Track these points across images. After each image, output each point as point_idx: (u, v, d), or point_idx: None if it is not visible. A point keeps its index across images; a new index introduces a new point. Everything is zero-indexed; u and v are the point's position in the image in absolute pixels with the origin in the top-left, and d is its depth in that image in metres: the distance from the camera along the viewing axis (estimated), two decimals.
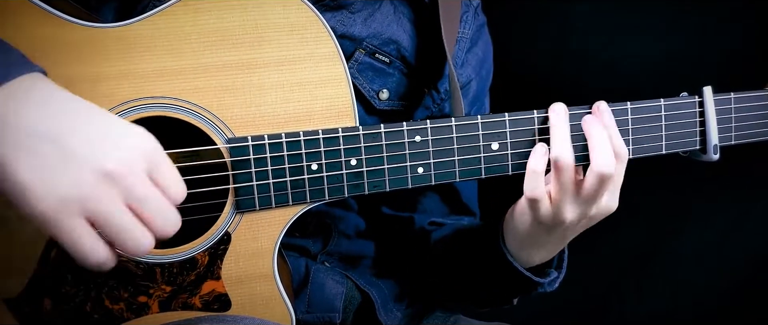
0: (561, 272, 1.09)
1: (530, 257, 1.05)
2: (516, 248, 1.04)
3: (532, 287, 1.08)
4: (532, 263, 1.06)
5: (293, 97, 0.95)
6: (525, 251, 1.04)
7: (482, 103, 1.30)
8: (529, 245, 1.04)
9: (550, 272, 1.08)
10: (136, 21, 0.91)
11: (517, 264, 1.04)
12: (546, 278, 1.07)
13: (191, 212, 0.96)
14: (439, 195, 1.28)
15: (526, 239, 1.03)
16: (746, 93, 1.07)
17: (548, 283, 1.08)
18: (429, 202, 1.27)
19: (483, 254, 1.09)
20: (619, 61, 1.58)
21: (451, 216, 1.29)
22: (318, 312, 1.14)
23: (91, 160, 0.71)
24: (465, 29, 1.21)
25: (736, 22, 1.53)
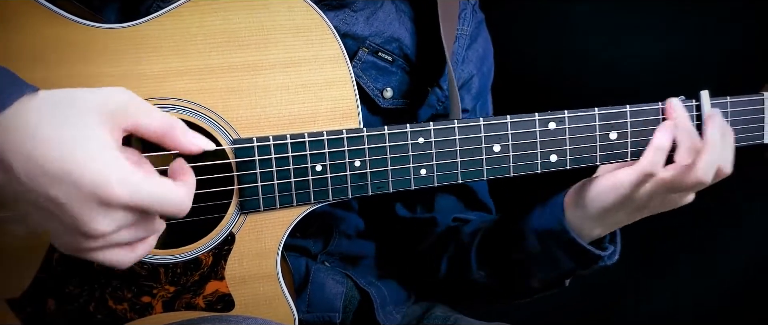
0: (616, 245, 1.08)
1: (590, 233, 1.04)
2: (578, 226, 1.03)
3: (593, 262, 1.05)
4: (591, 238, 1.05)
5: (298, 98, 0.95)
6: (585, 230, 1.03)
7: (485, 100, 1.31)
8: (595, 223, 1.03)
9: (607, 247, 1.07)
10: (142, 22, 0.91)
11: (582, 241, 1.02)
12: (606, 251, 1.06)
13: (196, 213, 0.96)
14: (454, 194, 1.28)
15: (595, 217, 1.02)
16: (741, 97, 1.09)
17: (608, 256, 1.06)
18: (445, 200, 1.27)
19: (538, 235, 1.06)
20: (619, 61, 1.59)
21: (469, 213, 1.29)
22: (318, 312, 1.15)
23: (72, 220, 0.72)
24: (464, 26, 1.23)
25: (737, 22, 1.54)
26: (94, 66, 0.89)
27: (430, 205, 1.27)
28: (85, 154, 0.72)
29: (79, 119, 0.73)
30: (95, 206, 0.72)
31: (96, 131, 0.73)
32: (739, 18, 1.53)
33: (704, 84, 1.05)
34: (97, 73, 0.89)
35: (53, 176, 0.71)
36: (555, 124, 1.02)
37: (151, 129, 0.77)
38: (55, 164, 0.71)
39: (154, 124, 0.77)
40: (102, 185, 0.71)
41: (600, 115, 1.03)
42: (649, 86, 1.12)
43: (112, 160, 0.73)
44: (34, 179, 0.71)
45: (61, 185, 0.71)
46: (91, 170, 0.71)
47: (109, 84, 0.88)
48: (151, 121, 0.77)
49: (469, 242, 1.18)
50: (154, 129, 0.77)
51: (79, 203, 0.71)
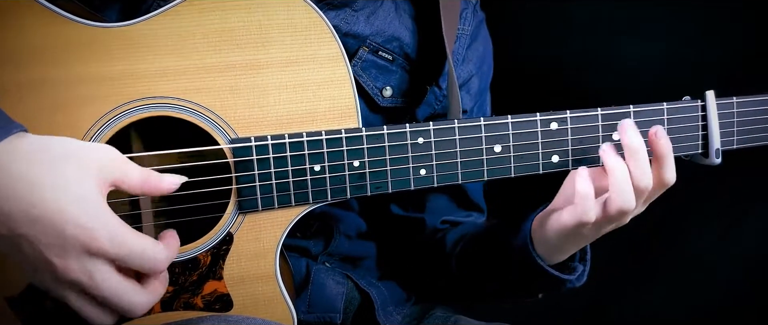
0: (586, 264, 1.09)
1: (557, 258, 1.06)
2: (545, 252, 1.04)
3: (562, 285, 1.08)
4: (558, 260, 1.06)
5: (297, 98, 0.95)
6: (554, 255, 1.05)
7: (484, 99, 1.30)
8: (558, 250, 1.04)
9: (576, 267, 1.08)
10: (140, 21, 0.90)
11: (548, 267, 1.04)
12: (574, 274, 1.07)
13: (194, 212, 0.96)
14: (446, 194, 1.28)
15: (556, 246, 1.03)
16: (748, 97, 1.07)
17: (576, 278, 1.08)
18: (437, 200, 1.27)
19: (509, 258, 1.09)
20: (621, 61, 1.58)
21: (460, 213, 1.29)
22: (318, 312, 1.14)
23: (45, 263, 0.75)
24: (465, 26, 1.22)
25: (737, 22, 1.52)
26: (92, 65, 0.89)
27: (421, 205, 1.27)
28: (74, 201, 0.74)
29: (68, 167, 0.76)
30: (75, 252, 0.74)
31: (84, 181, 0.76)
32: (739, 18, 1.51)
33: (707, 85, 1.04)
34: (95, 73, 0.90)
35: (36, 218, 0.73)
36: (557, 125, 1.01)
37: (133, 182, 0.80)
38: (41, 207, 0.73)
39: (136, 177, 0.80)
40: (87, 232, 0.74)
41: (603, 115, 1.02)
42: (650, 86, 1.11)
43: (98, 209, 0.76)
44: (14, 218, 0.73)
45: (43, 227, 0.73)
46: (78, 217, 0.74)
47: (108, 83, 0.90)
48: (133, 175, 0.80)
49: (451, 250, 1.21)
50: (136, 182, 0.80)
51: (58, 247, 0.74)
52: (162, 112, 0.92)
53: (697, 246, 1.70)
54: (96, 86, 0.90)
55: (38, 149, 0.76)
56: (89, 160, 0.77)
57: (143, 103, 0.91)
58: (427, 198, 1.27)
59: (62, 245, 0.74)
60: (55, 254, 0.74)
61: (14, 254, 0.76)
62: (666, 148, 0.97)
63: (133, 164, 0.81)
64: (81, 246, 0.74)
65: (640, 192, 0.96)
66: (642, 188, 0.95)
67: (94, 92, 0.90)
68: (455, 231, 1.24)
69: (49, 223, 0.73)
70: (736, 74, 1.04)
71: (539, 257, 1.04)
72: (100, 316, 0.79)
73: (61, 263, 0.74)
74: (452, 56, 1.15)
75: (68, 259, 0.74)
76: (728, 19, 1.52)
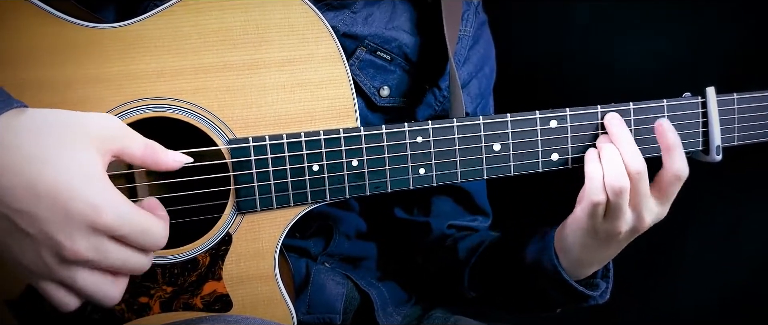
0: (609, 281, 1.09)
1: (579, 271, 1.05)
2: (567, 265, 1.04)
3: (583, 300, 1.07)
4: (581, 275, 1.06)
5: (294, 97, 0.94)
6: (576, 268, 1.04)
7: (486, 102, 1.29)
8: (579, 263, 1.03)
9: (600, 284, 1.08)
10: (136, 21, 0.90)
11: (574, 282, 1.03)
12: (597, 290, 1.07)
13: (192, 213, 0.96)
14: (451, 197, 1.27)
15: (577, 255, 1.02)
16: (749, 94, 1.06)
17: (600, 295, 1.07)
18: (442, 204, 1.26)
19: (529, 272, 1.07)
20: (621, 60, 1.58)
21: (466, 217, 1.28)
22: (318, 313, 1.14)
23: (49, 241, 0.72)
24: (466, 27, 1.21)
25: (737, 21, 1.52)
26: (89, 66, 0.89)
27: (427, 208, 1.26)
28: (79, 176, 0.72)
29: (71, 141, 0.74)
30: (81, 229, 0.72)
31: (88, 155, 0.74)
32: (739, 18, 1.50)
33: (706, 83, 1.04)
34: (92, 74, 0.89)
35: (40, 193, 0.71)
36: (557, 123, 1.00)
37: (136, 153, 0.78)
38: (45, 183, 0.71)
39: (139, 147, 0.79)
40: (93, 209, 0.72)
41: (602, 113, 1.01)
42: (650, 85, 1.11)
43: (103, 186, 0.74)
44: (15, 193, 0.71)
45: (47, 203, 0.71)
46: (84, 193, 0.72)
47: (104, 84, 0.89)
48: (136, 145, 0.79)
49: (464, 260, 1.19)
50: (140, 152, 0.79)
51: (62, 224, 0.72)
52: (159, 113, 0.92)
53: (697, 246, 1.69)
54: (92, 87, 0.89)
55: (40, 123, 0.74)
56: (90, 130, 0.75)
57: (140, 104, 0.91)
58: (432, 202, 1.26)
59: (67, 223, 0.71)
60: (60, 232, 0.71)
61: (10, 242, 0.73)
62: (672, 140, 0.97)
63: (136, 134, 0.79)
64: (87, 223, 0.72)
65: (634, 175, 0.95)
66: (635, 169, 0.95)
67: (90, 93, 0.89)
68: (468, 240, 1.22)
69: (56, 200, 0.71)
70: (736, 72, 1.04)
71: (565, 271, 1.03)
72: (112, 287, 0.77)
73: (67, 242, 0.72)
74: (454, 57, 1.14)
75: (75, 237, 0.72)
76: (728, 17, 1.51)
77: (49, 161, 0.72)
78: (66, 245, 0.72)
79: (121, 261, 0.76)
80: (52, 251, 0.73)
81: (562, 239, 1.03)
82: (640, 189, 0.96)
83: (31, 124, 0.74)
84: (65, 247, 0.72)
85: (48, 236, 0.72)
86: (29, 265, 0.74)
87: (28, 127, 0.73)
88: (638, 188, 0.95)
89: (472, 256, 1.19)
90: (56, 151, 0.72)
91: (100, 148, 0.75)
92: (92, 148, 0.75)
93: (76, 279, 0.75)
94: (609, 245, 1.01)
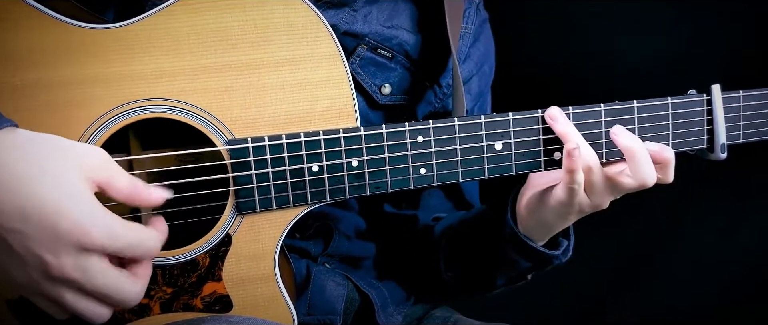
0: (570, 239, 1.10)
1: (543, 238, 1.07)
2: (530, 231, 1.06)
3: (548, 262, 1.09)
4: (544, 240, 1.08)
5: (294, 97, 0.94)
6: (542, 235, 1.06)
7: (485, 100, 1.29)
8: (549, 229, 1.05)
9: (561, 242, 1.09)
10: (134, 21, 0.89)
11: (536, 244, 1.05)
12: (559, 249, 1.08)
13: (192, 214, 0.96)
14: (442, 192, 1.27)
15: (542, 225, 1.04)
16: (755, 91, 1.05)
17: (562, 253, 1.09)
18: (432, 199, 1.27)
19: (496, 241, 1.10)
20: (623, 58, 1.57)
21: (456, 212, 1.28)
22: (319, 314, 1.14)
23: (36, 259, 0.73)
24: (468, 25, 1.21)
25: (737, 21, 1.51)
26: (87, 67, 0.89)
27: (415, 202, 1.27)
28: (67, 196, 0.73)
29: (62, 163, 0.75)
30: (68, 248, 0.73)
31: (77, 177, 0.75)
32: (739, 17, 1.49)
33: (708, 82, 1.02)
34: (90, 75, 0.89)
35: (29, 212, 0.72)
36: None
37: (121, 187, 0.79)
38: (34, 202, 0.72)
39: (124, 183, 0.79)
40: (81, 228, 0.73)
41: (606, 111, 1.00)
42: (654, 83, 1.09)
43: (91, 205, 0.75)
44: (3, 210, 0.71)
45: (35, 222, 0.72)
46: (72, 212, 0.73)
47: (102, 85, 0.89)
48: (122, 180, 0.79)
49: (438, 240, 1.21)
50: (124, 187, 0.79)
51: (50, 242, 0.72)
52: (157, 113, 0.91)
53: (697, 246, 1.69)
54: (91, 88, 0.89)
55: (28, 144, 0.75)
56: (80, 159, 0.76)
57: (139, 105, 0.91)
58: (421, 196, 1.27)
59: (55, 241, 0.72)
60: (47, 251, 0.72)
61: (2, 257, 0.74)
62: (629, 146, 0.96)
63: (123, 171, 0.80)
64: (75, 242, 0.73)
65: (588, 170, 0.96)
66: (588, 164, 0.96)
67: (89, 94, 0.89)
68: (441, 223, 1.24)
69: (44, 218, 0.72)
70: (740, 70, 1.02)
71: (528, 238, 1.05)
72: (96, 310, 0.78)
73: (54, 261, 0.73)
74: (456, 54, 1.14)
75: (61, 256, 0.73)
76: (732, 15, 1.50)
77: (39, 181, 0.73)
78: (52, 263, 0.73)
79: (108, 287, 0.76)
80: (39, 269, 0.74)
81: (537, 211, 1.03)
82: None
83: (22, 144, 0.75)
84: (52, 265, 0.73)
85: (35, 255, 0.73)
86: (18, 280, 0.75)
87: (18, 146, 0.74)
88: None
89: (442, 239, 1.21)
90: (46, 171, 0.73)
91: (88, 175, 0.76)
92: (81, 173, 0.76)
93: (61, 296, 0.76)
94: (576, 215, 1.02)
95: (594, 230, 1.03)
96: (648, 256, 1.70)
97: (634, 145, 0.96)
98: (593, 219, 1.06)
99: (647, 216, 1.00)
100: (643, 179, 0.96)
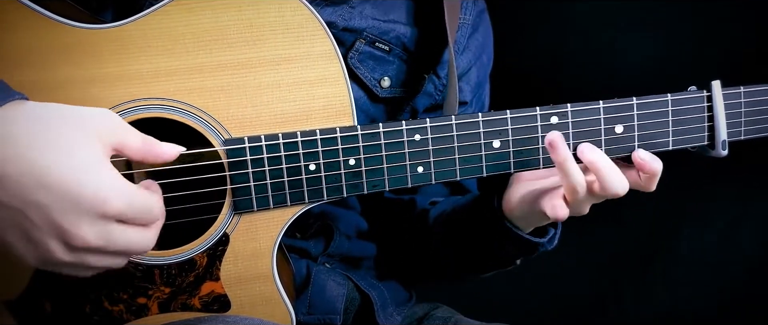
0: (557, 228, 1.11)
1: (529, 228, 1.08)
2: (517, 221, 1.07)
3: (534, 249, 1.10)
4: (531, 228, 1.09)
5: (290, 96, 0.94)
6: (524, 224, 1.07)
7: (484, 90, 1.29)
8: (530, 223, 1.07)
9: (549, 230, 1.09)
10: (130, 21, 0.89)
11: (523, 233, 1.07)
12: (546, 236, 1.09)
13: (189, 213, 0.96)
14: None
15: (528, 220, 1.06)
16: (756, 87, 1.04)
17: (548, 240, 1.10)
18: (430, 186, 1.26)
19: (484, 228, 1.11)
20: (623, 55, 1.56)
21: (451, 197, 1.28)
22: (319, 314, 1.13)
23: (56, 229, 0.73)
24: (466, 15, 1.21)
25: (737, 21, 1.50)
26: (83, 68, 0.89)
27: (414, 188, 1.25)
28: (86, 165, 0.73)
29: (74, 132, 0.74)
30: (89, 216, 0.73)
31: (92, 145, 0.75)
32: (739, 17, 1.48)
33: (707, 80, 1.01)
34: (86, 75, 0.89)
35: (48, 183, 0.71)
36: (557, 119, 0.99)
37: (134, 147, 0.79)
38: (54, 172, 0.71)
39: (137, 142, 0.79)
40: (103, 196, 0.73)
41: (605, 108, 0.99)
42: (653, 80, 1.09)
43: (110, 173, 0.75)
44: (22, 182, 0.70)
45: (56, 192, 0.71)
46: (93, 181, 0.73)
47: (98, 85, 0.89)
48: (135, 140, 0.79)
49: (431, 229, 1.22)
50: (138, 147, 0.79)
51: (70, 212, 0.72)
52: (154, 113, 0.91)
53: (697, 246, 1.68)
54: (87, 89, 0.89)
55: (41, 115, 0.74)
56: (92, 124, 0.76)
57: (136, 104, 0.91)
58: None
59: (76, 212, 0.72)
60: (68, 221, 0.72)
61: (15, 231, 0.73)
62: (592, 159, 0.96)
63: (133, 129, 0.80)
64: (96, 211, 0.72)
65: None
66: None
67: (85, 95, 0.89)
68: (436, 208, 1.24)
69: (65, 188, 0.71)
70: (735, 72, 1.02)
71: (514, 227, 1.06)
72: (116, 261, 0.80)
73: (76, 230, 0.72)
74: (454, 46, 1.14)
75: (82, 225, 0.72)
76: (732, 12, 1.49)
77: (56, 151, 0.72)
78: (74, 232, 0.72)
79: (127, 243, 0.77)
80: (61, 240, 0.73)
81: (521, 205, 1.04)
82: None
83: (33, 115, 0.74)
84: (74, 236, 0.73)
85: (55, 226, 0.72)
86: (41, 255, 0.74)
87: (30, 118, 0.74)
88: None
89: (438, 220, 1.22)
90: (62, 140, 0.73)
91: (103, 141, 0.76)
92: (95, 139, 0.75)
93: (83, 262, 0.76)
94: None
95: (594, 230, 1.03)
96: (648, 256, 1.69)
97: (598, 159, 0.96)
98: (594, 219, 1.05)
99: (648, 216, 0.99)
100: (613, 190, 0.96)
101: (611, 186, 0.96)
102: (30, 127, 0.73)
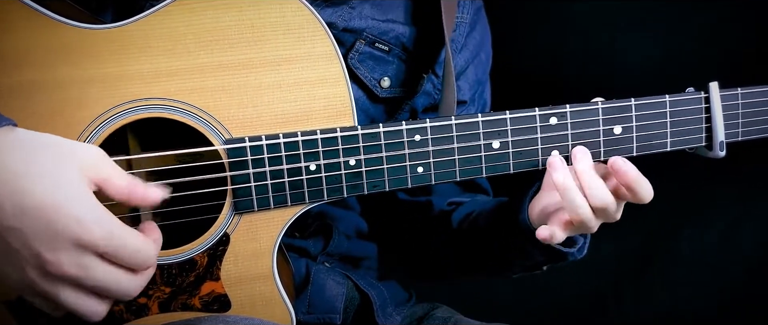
0: (587, 237, 1.09)
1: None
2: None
3: (563, 258, 1.09)
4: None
5: (291, 97, 0.94)
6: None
7: (484, 88, 1.30)
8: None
9: (578, 240, 1.08)
10: (131, 22, 0.90)
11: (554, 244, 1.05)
12: (575, 247, 1.08)
13: (190, 213, 0.96)
14: None
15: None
16: (753, 88, 1.05)
17: (578, 250, 1.09)
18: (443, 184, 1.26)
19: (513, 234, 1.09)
20: (621, 56, 1.57)
21: (465, 195, 1.28)
22: (318, 313, 1.14)
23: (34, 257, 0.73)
24: (463, 13, 1.22)
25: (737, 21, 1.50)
26: (84, 67, 0.89)
27: (428, 188, 1.27)
28: (67, 194, 0.74)
29: (61, 162, 0.75)
30: (66, 245, 0.73)
31: (76, 176, 0.75)
32: (739, 17, 1.48)
33: (706, 81, 1.02)
34: (87, 75, 0.89)
35: (27, 209, 0.72)
36: (556, 119, 0.99)
37: (118, 186, 0.79)
38: (33, 199, 0.72)
39: (121, 182, 0.79)
40: (79, 225, 0.73)
41: (603, 109, 1.00)
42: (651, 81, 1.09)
43: (91, 203, 0.75)
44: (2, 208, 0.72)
45: (34, 219, 0.72)
46: (71, 209, 0.73)
47: (97, 85, 0.89)
48: (120, 179, 0.79)
49: (456, 231, 1.21)
50: (121, 186, 0.79)
51: (48, 239, 0.73)
52: (155, 113, 0.91)
53: (697, 246, 1.68)
54: (88, 89, 0.89)
55: (27, 143, 0.75)
56: (78, 157, 0.77)
57: (136, 105, 0.91)
58: None
59: (54, 239, 0.73)
60: (45, 248, 0.73)
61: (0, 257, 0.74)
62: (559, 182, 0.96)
63: (121, 169, 0.80)
64: (73, 239, 0.73)
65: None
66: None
67: (86, 95, 0.89)
68: (460, 211, 1.23)
69: (42, 214, 0.72)
70: (735, 72, 1.02)
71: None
72: (95, 306, 0.79)
73: (52, 258, 0.73)
74: (451, 44, 1.14)
75: (59, 252, 0.73)
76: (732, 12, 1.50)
77: (37, 179, 0.73)
78: (51, 260, 0.73)
79: (107, 281, 0.77)
80: (38, 267, 0.74)
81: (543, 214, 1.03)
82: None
83: (21, 143, 0.75)
84: (50, 263, 0.73)
85: (34, 253, 0.73)
86: (17, 280, 0.75)
87: (17, 145, 0.75)
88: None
89: (463, 224, 1.21)
90: (45, 169, 0.74)
91: (86, 174, 0.76)
92: (79, 172, 0.76)
93: (58, 294, 0.76)
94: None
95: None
96: (648, 256, 1.70)
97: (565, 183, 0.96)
98: None
99: (648, 216, 0.99)
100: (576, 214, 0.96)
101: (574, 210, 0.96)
102: (15, 154, 0.74)
